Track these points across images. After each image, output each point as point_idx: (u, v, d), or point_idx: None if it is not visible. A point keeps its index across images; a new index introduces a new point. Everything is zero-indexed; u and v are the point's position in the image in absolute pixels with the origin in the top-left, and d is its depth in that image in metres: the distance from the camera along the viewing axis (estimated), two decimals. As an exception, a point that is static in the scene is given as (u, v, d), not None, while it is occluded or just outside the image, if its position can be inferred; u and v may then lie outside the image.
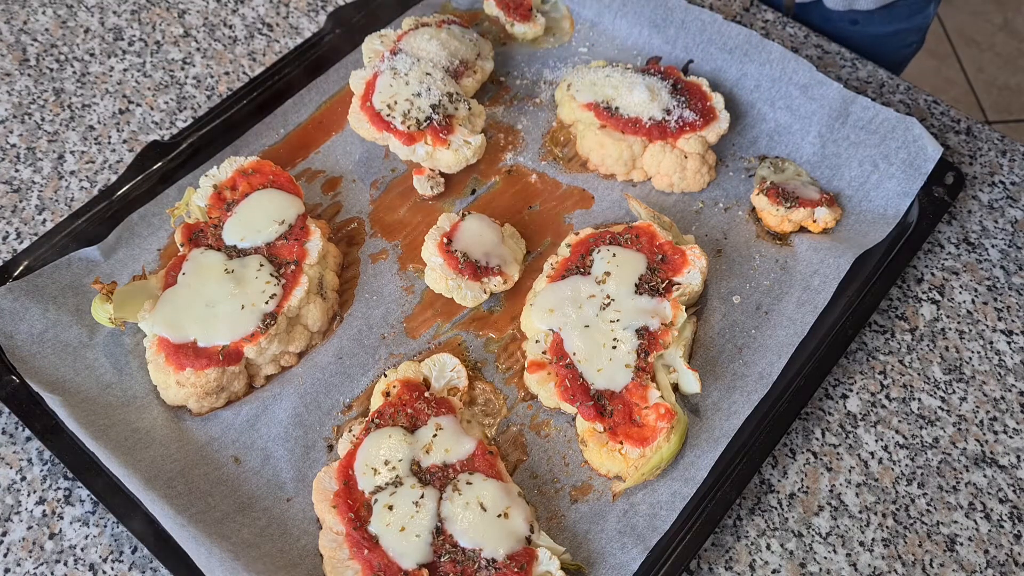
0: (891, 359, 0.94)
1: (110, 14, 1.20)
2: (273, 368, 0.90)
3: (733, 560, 0.82)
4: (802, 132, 1.05)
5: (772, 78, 1.06)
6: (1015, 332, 0.96)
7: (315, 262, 0.91)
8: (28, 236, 1.00)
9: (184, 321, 0.86)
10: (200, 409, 0.87)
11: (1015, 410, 0.91)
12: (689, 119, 1.01)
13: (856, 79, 1.13)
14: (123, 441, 0.83)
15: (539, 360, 0.88)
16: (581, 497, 0.83)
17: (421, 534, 0.75)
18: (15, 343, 0.87)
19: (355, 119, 1.01)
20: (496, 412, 0.88)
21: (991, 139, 1.09)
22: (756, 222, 1.01)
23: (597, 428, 0.83)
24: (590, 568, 0.79)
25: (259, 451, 0.86)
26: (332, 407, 0.88)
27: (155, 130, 1.09)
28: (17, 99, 1.11)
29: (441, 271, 0.92)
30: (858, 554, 0.83)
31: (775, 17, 1.19)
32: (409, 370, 0.87)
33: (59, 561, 0.81)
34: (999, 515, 0.85)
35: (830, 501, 0.85)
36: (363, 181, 1.04)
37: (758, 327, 0.92)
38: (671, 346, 0.87)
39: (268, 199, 0.94)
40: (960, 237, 1.02)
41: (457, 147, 0.98)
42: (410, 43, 1.03)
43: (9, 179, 1.04)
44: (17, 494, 0.84)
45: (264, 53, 1.16)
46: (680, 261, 0.92)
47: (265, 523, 0.81)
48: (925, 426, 0.90)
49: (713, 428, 0.85)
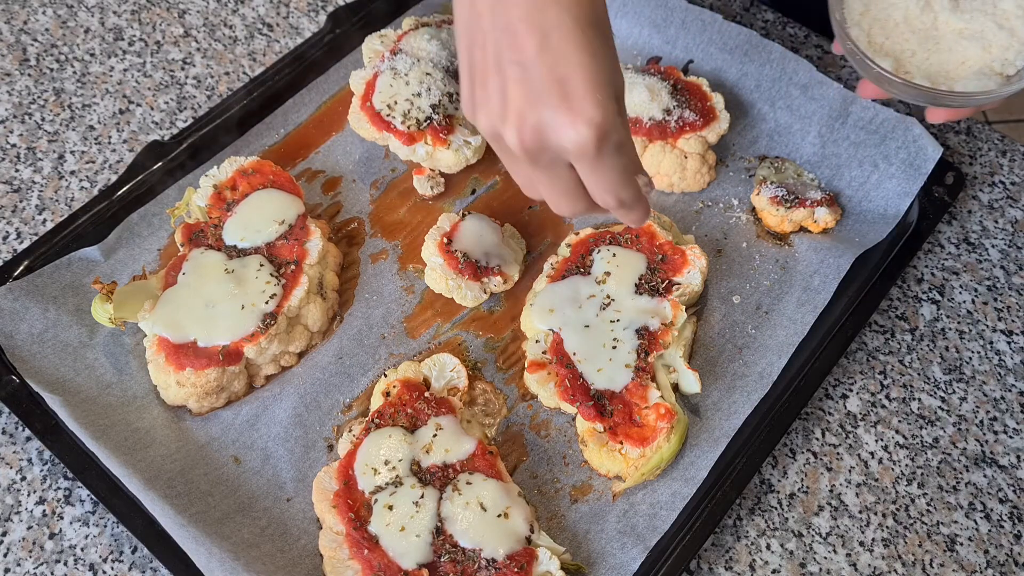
0: (891, 359, 0.94)
1: (110, 14, 1.20)
2: (273, 368, 0.90)
3: (733, 560, 0.82)
4: (802, 132, 1.05)
5: (772, 78, 1.06)
6: (1015, 332, 0.96)
7: (315, 262, 0.91)
8: (28, 236, 1.00)
9: (184, 321, 0.86)
10: (200, 409, 0.87)
11: (1015, 410, 0.91)
12: (689, 119, 1.01)
13: (856, 79, 1.13)
14: (123, 441, 0.83)
15: (539, 360, 0.88)
16: (581, 497, 0.83)
17: (421, 534, 0.76)
18: (15, 343, 0.87)
19: (355, 119, 1.01)
20: (496, 412, 0.88)
21: (991, 139, 1.09)
22: (756, 222, 1.01)
23: (597, 428, 0.84)
24: (590, 568, 0.79)
25: (259, 451, 0.86)
26: (332, 407, 0.88)
27: (155, 130, 1.09)
28: (17, 99, 1.11)
29: (441, 271, 0.92)
30: (858, 554, 0.83)
31: (775, 17, 1.19)
32: (409, 370, 0.87)
33: (59, 561, 0.81)
34: (999, 515, 0.85)
35: (830, 501, 0.85)
36: (363, 181, 1.04)
37: (758, 327, 0.92)
38: (671, 346, 0.87)
39: (268, 199, 0.94)
40: (960, 237, 1.02)
41: (457, 147, 0.98)
42: (410, 43, 1.03)
43: (9, 179, 1.04)
44: (17, 494, 0.84)
45: (264, 53, 1.16)
46: (680, 261, 0.92)
47: (265, 523, 0.81)
48: (925, 426, 0.90)
49: (713, 428, 0.85)
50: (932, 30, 0.82)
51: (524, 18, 0.59)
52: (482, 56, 0.62)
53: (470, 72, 0.64)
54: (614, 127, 0.60)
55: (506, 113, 0.61)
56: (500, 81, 0.61)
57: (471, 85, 0.64)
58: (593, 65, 0.60)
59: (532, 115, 0.60)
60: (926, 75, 0.81)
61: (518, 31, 0.59)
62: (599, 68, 0.60)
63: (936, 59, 0.81)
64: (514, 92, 0.60)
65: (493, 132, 0.63)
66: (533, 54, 0.59)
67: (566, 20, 0.59)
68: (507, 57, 0.60)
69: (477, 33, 0.61)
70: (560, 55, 0.59)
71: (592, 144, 0.60)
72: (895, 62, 0.82)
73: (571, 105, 0.59)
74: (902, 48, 0.82)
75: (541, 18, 0.59)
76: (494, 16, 0.60)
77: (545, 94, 0.59)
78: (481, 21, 0.61)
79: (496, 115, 0.62)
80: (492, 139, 0.65)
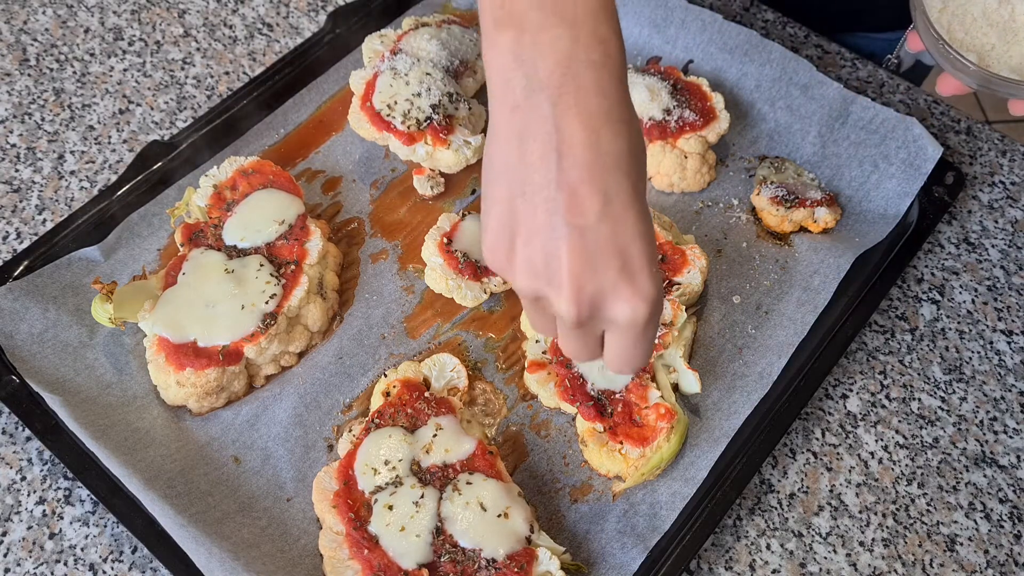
0: (891, 359, 0.94)
1: (110, 14, 1.20)
2: (273, 368, 0.90)
3: (733, 560, 0.82)
4: (802, 132, 1.05)
5: (772, 78, 1.06)
6: (1015, 332, 0.96)
7: (315, 262, 0.91)
8: (28, 236, 1.00)
9: (184, 321, 0.86)
10: (200, 409, 0.87)
11: (1015, 410, 0.91)
12: (689, 119, 1.01)
13: (856, 79, 1.13)
14: (123, 441, 0.83)
15: (539, 360, 0.88)
16: (581, 497, 0.83)
17: (421, 534, 0.76)
18: (15, 343, 0.87)
19: (355, 119, 1.01)
20: (496, 412, 0.88)
21: (991, 139, 1.09)
22: (756, 222, 1.01)
23: (597, 428, 0.84)
24: (590, 568, 0.79)
25: (259, 451, 0.86)
26: (332, 407, 0.88)
27: (155, 130, 1.09)
28: (17, 99, 1.11)
29: (441, 271, 0.92)
30: (858, 554, 0.83)
31: (775, 17, 1.19)
32: (409, 370, 0.87)
33: (59, 561, 0.81)
34: (999, 515, 0.85)
35: (830, 501, 0.85)
36: (363, 181, 1.04)
37: (758, 327, 0.92)
38: (671, 346, 0.87)
39: (268, 199, 0.94)
40: (960, 237, 1.02)
41: (457, 147, 0.98)
42: (410, 43, 1.03)
43: (9, 179, 1.04)
44: (17, 494, 0.84)
45: (264, 53, 1.16)
46: (680, 261, 0.92)
47: (265, 523, 0.81)
48: (925, 426, 0.90)
49: (713, 428, 0.85)
50: (1011, 22, 0.82)
51: (587, 180, 0.54)
52: (530, 211, 0.56)
53: (510, 225, 0.57)
54: (661, 304, 0.59)
55: (559, 280, 0.56)
56: (551, 242, 0.55)
57: (511, 239, 0.58)
58: (650, 236, 0.57)
59: (592, 285, 0.56)
60: (1008, 68, 0.81)
61: (580, 193, 0.54)
62: (652, 238, 0.57)
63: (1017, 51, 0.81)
64: (571, 259, 0.55)
65: (536, 294, 0.58)
66: (595, 220, 0.55)
67: (625, 186, 0.55)
68: (564, 219, 0.54)
69: (527, 184, 0.55)
70: (621, 223, 0.55)
71: (644, 321, 0.57)
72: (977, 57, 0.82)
73: (632, 279, 0.56)
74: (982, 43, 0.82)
75: (604, 182, 0.55)
76: (550, 171, 0.54)
77: (605, 265, 0.55)
78: (531, 173, 0.55)
79: (543, 278, 0.57)
80: (531, 299, 0.60)
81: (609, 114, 0.55)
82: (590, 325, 0.59)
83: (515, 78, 0.55)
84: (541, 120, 0.55)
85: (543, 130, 0.54)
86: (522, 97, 0.55)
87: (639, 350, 0.60)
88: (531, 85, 0.55)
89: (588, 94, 0.54)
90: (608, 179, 0.55)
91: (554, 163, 0.54)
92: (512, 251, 0.58)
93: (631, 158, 0.56)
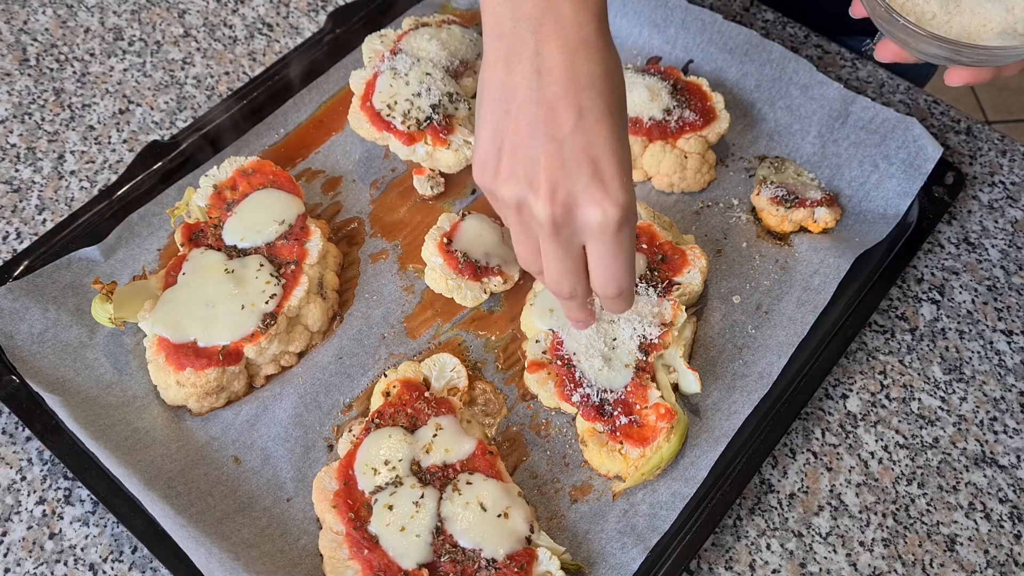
0: (891, 359, 0.94)
1: (110, 14, 1.20)
2: (273, 368, 0.90)
3: (733, 560, 0.82)
4: (802, 132, 1.05)
5: (772, 78, 1.06)
6: (1015, 332, 0.96)
7: (315, 262, 0.91)
8: (28, 236, 1.00)
9: (184, 321, 0.86)
10: (200, 409, 0.87)
11: (1015, 410, 0.91)
12: (689, 119, 1.01)
13: (856, 79, 1.13)
14: (123, 441, 0.83)
15: (539, 360, 0.88)
16: (581, 497, 0.83)
17: (421, 534, 0.76)
18: (15, 343, 0.88)
19: (355, 119, 1.01)
20: (496, 412, 0.88)
21: (991, 139, 1.09)
22: (756, 222, 1.01)
23: (597, 428, 0.84)
24: (590, 568, 0.79)
25: (259, 451, 0.86)
26: (332, 407, 0.89)
27: (155, 130, 1.09)
28: (17, 99, 1.11)
29: (441, 271, 0.92)
30: (858, 554, 0.83)
31: (775, 17, 1.19)
32: (409, 370, 0.87)
33: (59, 561, 0.81)
34: (999, 515, 0.85)
35: (830, 501, 0.85)
36: (363, 181, 1.04)
37: (758, 327, 0.92)
38: (671, 346, 0.87)
39: (268, 199, 0.94)
40: (960, 237, 1.02)
41: (457, 147, 0.98)
42: (410, 43, 1.03)
43: (9, 179, 1.04)
44: (17, 494, 0.84)
45: (264, 53, 1.16)
46: (680, 261, 0.92)
47: (265, 523, 0.81)
48: (925, 426, 0.90)
49: (713, 428, 0.85)
50: None
51: (563, 96, 0.61)
52: (515, 126, 0.62)
53: (499, 139, 0.64)
54: (634, 213, 0.64)
55: (537, 183, 0.62)
56: (533, 153, 0.62)
57: (498, 152, 0.64)
58: (621, 150, 0.63)
59: (564, 187, 0.62)
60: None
61: (557, 107, 0.61)
62: (625, 153, 0.63)
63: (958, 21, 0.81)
64: (547, 164, 0.61)
65: (519, 200, 0.64)
66: (569, 131, 0.61)
67: (599, 104, 0.61)
68: (543, 131, 0.61)
69: (511, 102, 0.62)
70: (593, 135, 0.61)
71: (615, 224, 0.62)
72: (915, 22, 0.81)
73: (603, 184, 0.62)
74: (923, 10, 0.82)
75: (578, 99, 0.61)
76: (531, 89, 0.61)
77: (577, 170, 0.61)
78: (515, 92, 0.62)
79: (525, 184, 0.63)
80: (514, 208, 0.65)
81: (586, 42, 0.61)
82: (567, 235, 0.64)
83: (502, 11, 0.62)
84: (524, 46, 0.61)
85: (526, 54, 0.61)
86: (508, 28, 0.62)
87: (619, 261, 0.65)
88: (516, 16, 0.62)
89: (566, 24, 0.61)
90: (582, 96, 0.61)
91: (535, 82, 0.61)
92: (499, 163, 0.64)
93: (606, 80, 0.62)
